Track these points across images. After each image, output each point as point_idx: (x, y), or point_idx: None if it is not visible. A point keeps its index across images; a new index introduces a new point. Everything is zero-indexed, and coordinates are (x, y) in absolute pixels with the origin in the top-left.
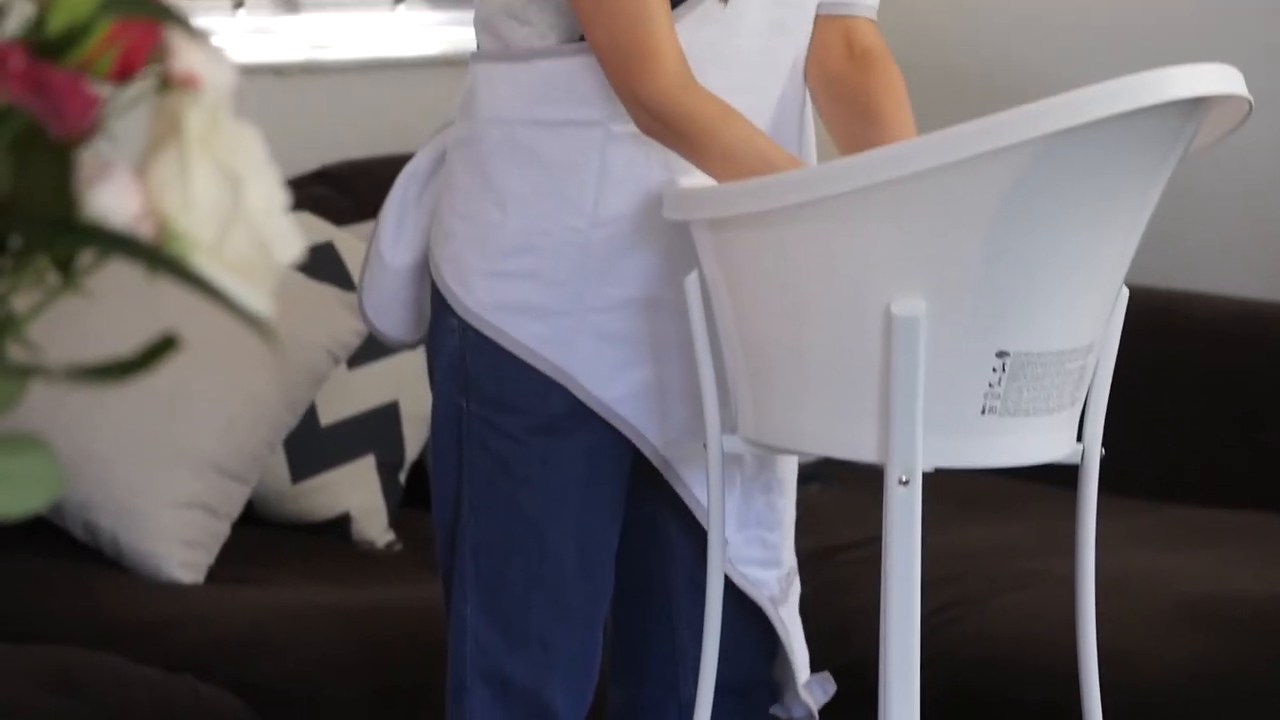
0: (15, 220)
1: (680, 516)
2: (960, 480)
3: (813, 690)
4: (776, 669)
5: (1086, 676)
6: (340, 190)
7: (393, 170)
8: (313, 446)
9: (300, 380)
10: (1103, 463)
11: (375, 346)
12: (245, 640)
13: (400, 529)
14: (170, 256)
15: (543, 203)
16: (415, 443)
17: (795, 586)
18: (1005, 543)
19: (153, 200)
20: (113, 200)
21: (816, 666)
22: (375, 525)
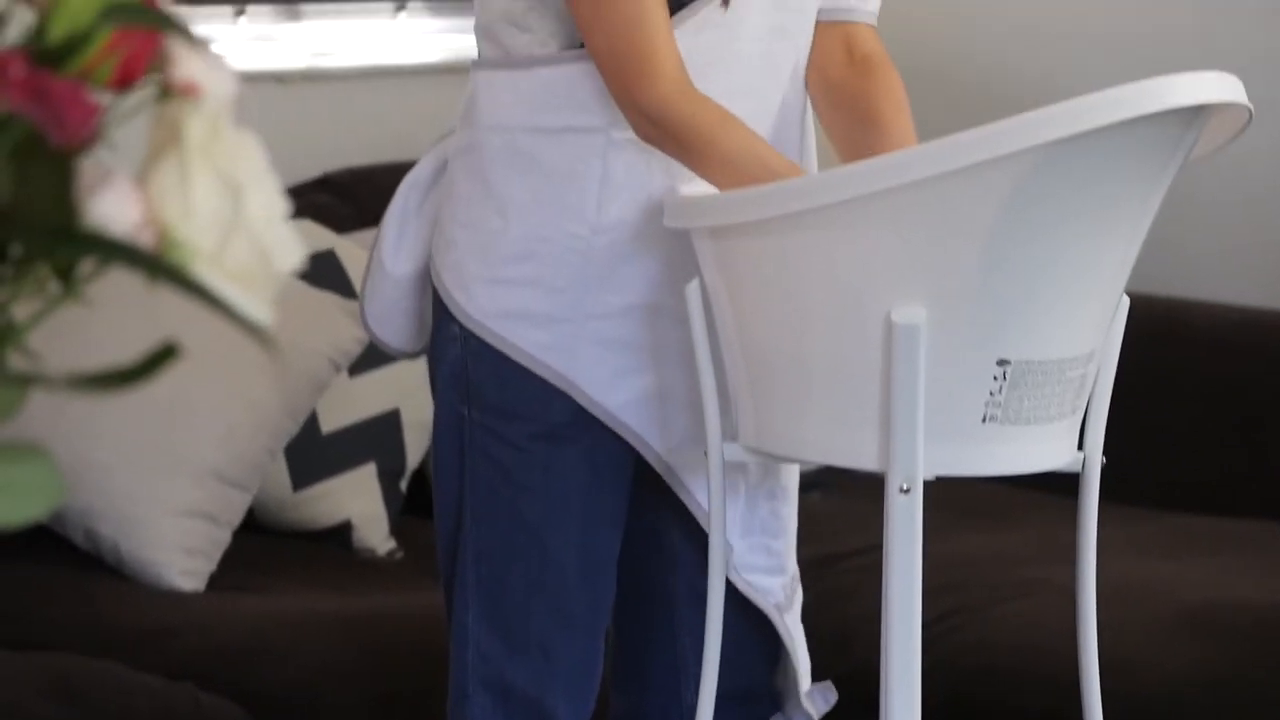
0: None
1: (682, 524)
2: (961, 488)
3: (814, 699)
4: (778, 677)
5: (1087, 684)
6: (342, 198)
7: (394, 178)
8: (314, 454)
9: (301, 388)
10: (1103, 471)
11: (376, 354)
12: (246, 648)
13: (401, 537)
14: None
15: (543, 210)
16: (416, 450)
17: (798, 594)
18: (1006, 551)
19: (153, 209)
20: (113, 209)
21: (818, 674)
22: (376, 533)
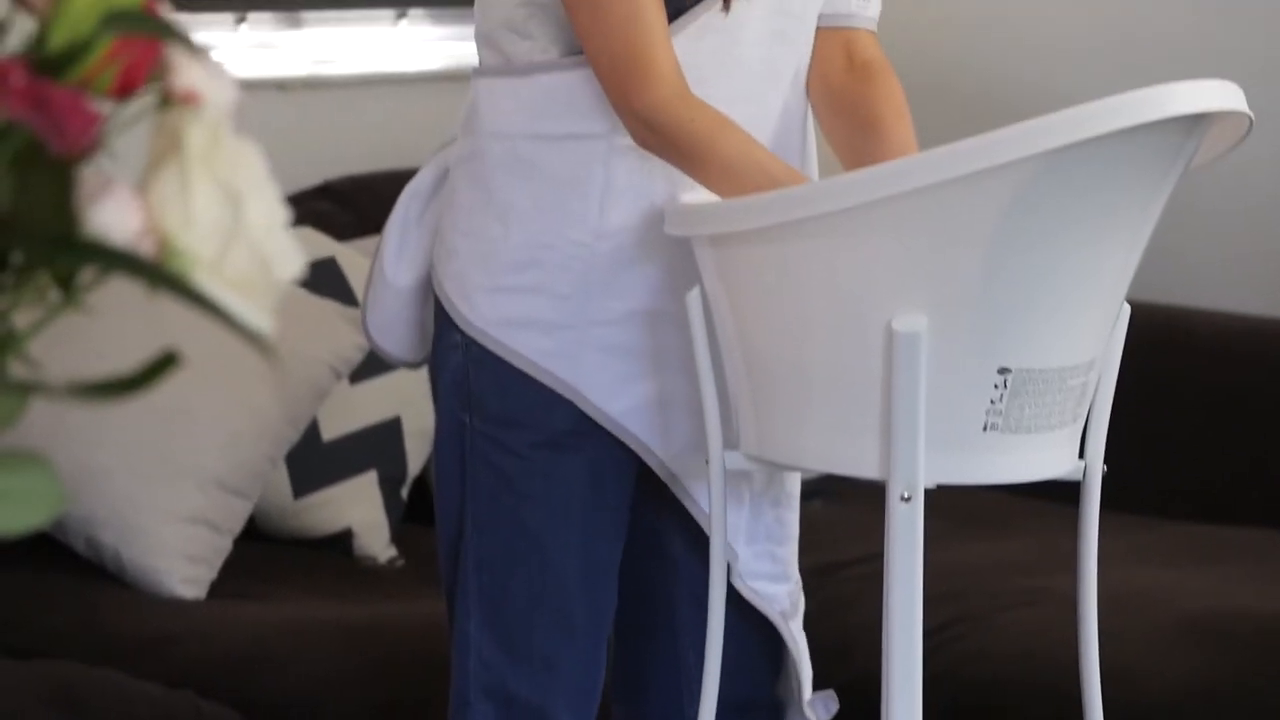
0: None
1: (684, 532)
2: (962, 497)
3: (816, 708)
4: (779, 686)
5: (1089, 693)
6: (342, 205)
7: (395, 185)
8: (315, 462)
9: (302, 395)
10: (1104, 479)
11: (377, 362)
12: (247, 656)
13: (402, 544)
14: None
15: (544, 217)
16: (417, 458)
17: (801, 601)
18: (1007, 559)
19: (153, 217)
20: (113, 217)
21: (819, 684)
22: (377, 541)
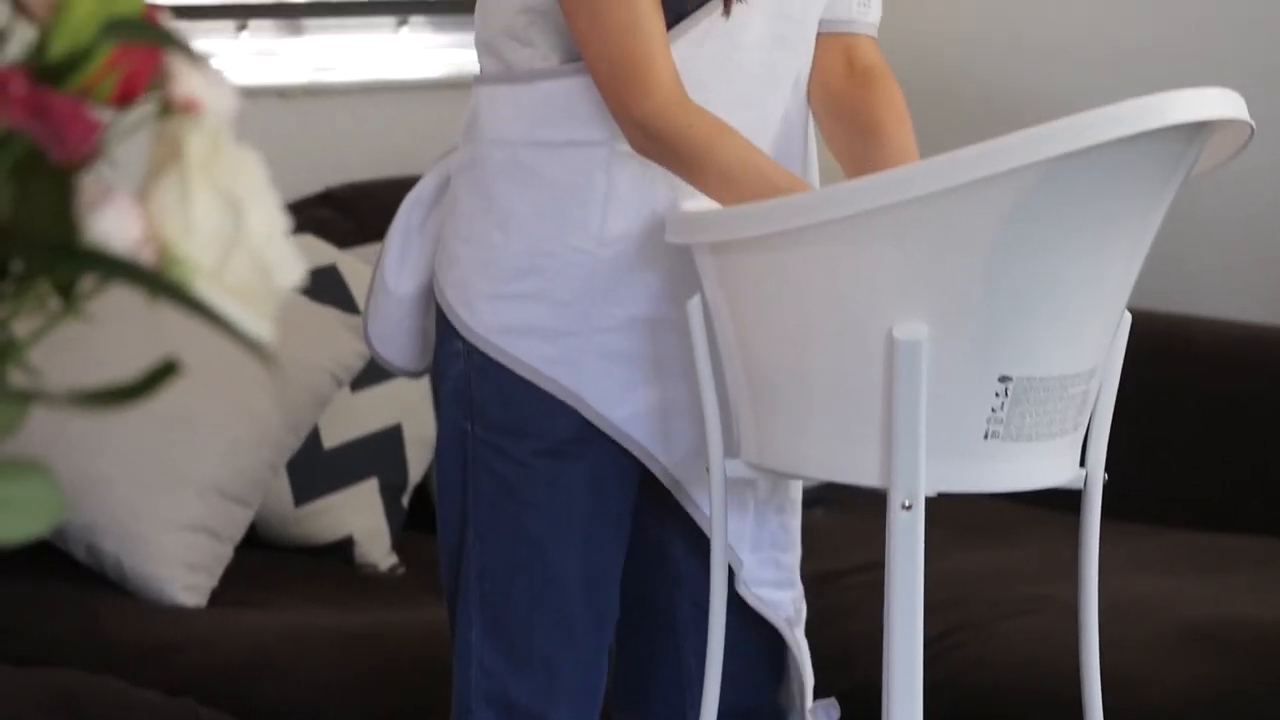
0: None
1: (686, 538)
2: (963, 505)
3: (818, 716)
4: (781, 694)
5: (1090, 701)
6: (343, 212)
7: (396, 192)
8: (315, 469)
9: (303, 403)
10: (1105, 487)
11: (378, 370)
12: (247, 663)
13: (403, 552)
14: (171, 282)
15: (545, 224)
16: (418, 465)
17: (803, 608)
18: (1008, 568)
19: (154, 225)
20: (114, 225)
21: (820, 692)
22: (378, 548)
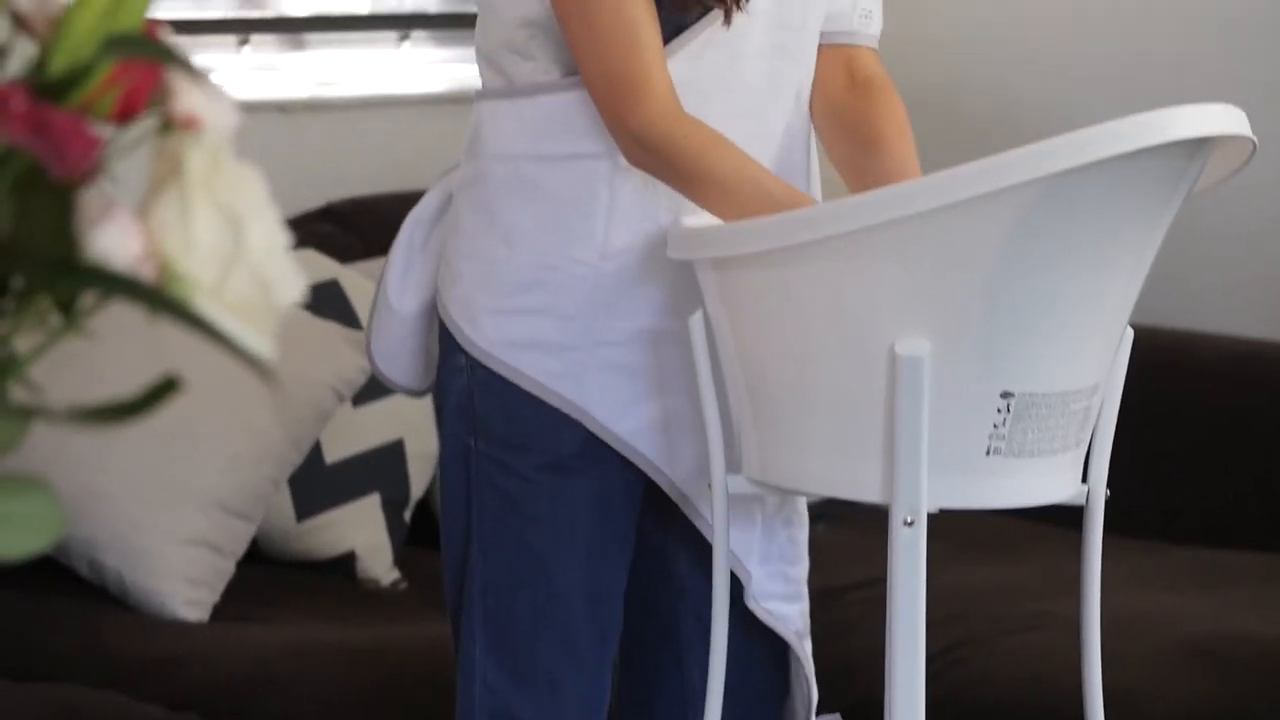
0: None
1: (690, 553)
2: (965, 521)
3: None
4: (784, 709)
5: (1092, 717)
6: (345, 227)
7: (398, 207)
8: (318, 484)
9: (305, 418)
10: (1107, 503)
11: (380, 385)
12: (250, 679)
13: (405, 567)
14: (171, 298)
15: (548, 238)
16: (420, 481)
17: (807, 623)
18: (1010, 583)
19: (154, 242)
20: (114, 242)
21: (823, 708)
22: (380, 563)
